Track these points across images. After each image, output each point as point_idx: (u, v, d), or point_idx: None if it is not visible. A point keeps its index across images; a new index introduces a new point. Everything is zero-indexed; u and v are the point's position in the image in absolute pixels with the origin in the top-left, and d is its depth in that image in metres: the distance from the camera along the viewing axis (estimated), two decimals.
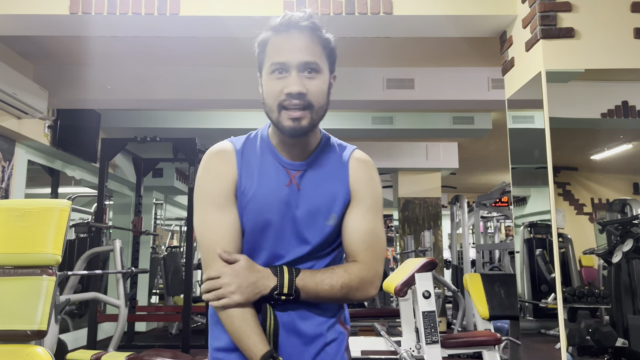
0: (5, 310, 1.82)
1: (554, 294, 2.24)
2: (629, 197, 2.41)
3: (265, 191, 1.07)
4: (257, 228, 1.07)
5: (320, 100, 1.05)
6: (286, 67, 1.02)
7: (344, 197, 1.10)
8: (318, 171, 1.11)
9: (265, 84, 1.06)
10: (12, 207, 1.96)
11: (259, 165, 1.10)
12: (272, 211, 1.06)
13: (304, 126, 1.03)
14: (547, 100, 2.31)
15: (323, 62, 1.06)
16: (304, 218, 1.07)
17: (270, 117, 1.06)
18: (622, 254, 2.33)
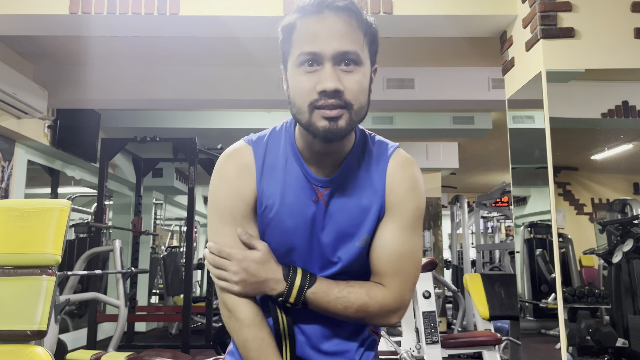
0: (5, 311, 1.82)
1: (554, 294, 2.23)
2: (629, 197, 2.40)
3: (289, 210, 0.92)
4: (280, 248, 0.94)
5: (361, 99, 0.86)
6: (319, 59, 0.83)
7: (378, 211, 0.93)
8: (349, 184, 0.93)
9: (292, 79, 0.87)
10: (11, 207, 1.95)
11: (284, 177, 0.93)
12: (297, 232, 0.93)
13: (341, 127, 0.84)
14: (547, 100, 2.31)
15: (364, 51, 0.87)
16: (331, 240, 0.93)
17: (299, 120, 0.87)
18: (622, 254, 2.32)
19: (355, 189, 0.93)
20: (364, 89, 0.86)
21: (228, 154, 0.96)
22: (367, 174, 0.95)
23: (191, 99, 4.06)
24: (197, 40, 3.38)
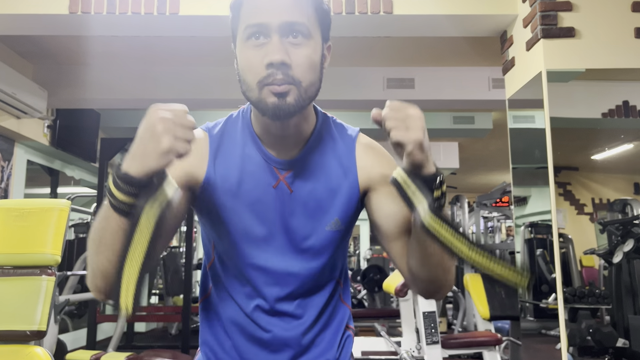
0: (5, 311, 1.82)
1: (555, 294, 2.23)
2: (630, 197, 2.40)
3: (248, 196, 0.87)
4: (247, 238, 0.88)
5: (310, 75, 0.81)
6: (265, 30, 0.80)
7: (350, 194, 0.89)
8: (313, 166, 0.90)
9: (240, 54, 0.84)
10: (11, 207, 1.95)
11: (241, 162, 0.89)
12: (262, 219, 0.88)
13: (290, 104, 0.79)
14: (547, 100, 2.30)
15: (313, 25, 0.82)
16: (301, 226, 0.88)
17: (249, 98, 0.83)
18: (622, 254, 2.32)
19: (321, 170, 0.90)
20: (313, 64, 0.82)
21: None
22: (334, 154, 0.91)
23: (191, 99, 4.06)
24: (197, 40, 3.37)
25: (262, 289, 0.90)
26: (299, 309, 0.91)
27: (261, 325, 0.90)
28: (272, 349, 0.91)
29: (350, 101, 4.10)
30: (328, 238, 0.89)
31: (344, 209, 0.90)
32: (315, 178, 0.89)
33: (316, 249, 0.90)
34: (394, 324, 5.13)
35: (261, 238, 0.88)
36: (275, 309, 0.90)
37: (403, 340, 2.70)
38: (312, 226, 0.89)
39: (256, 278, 0.90)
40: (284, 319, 0.91)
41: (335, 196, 0.89)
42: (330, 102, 4.04)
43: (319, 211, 0.89)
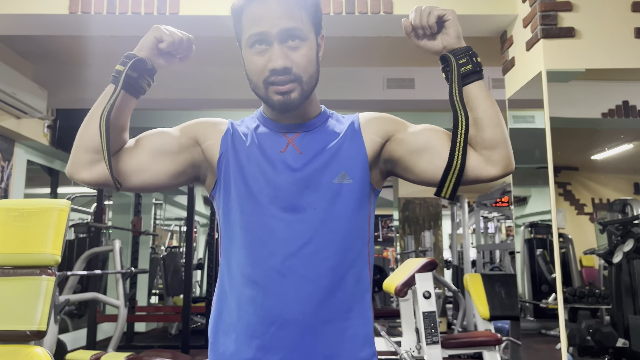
0: (5, 311, 1.82)
1: (555, 294, 2.23)
2: (630, 197, 2.40)
3: (256, 162, 0.96)
4: (260, 201, 0.93)
5: (309, 69, 0.94)
6: (266, 39, 0.91)
7: (357, 155, 0.97)
8: (321, 133, 0.99)
9: (246, 59, 0.96)
10: (11, 207, 1.95)
11: (252, 138, 0.99)
12: (269, 182, 0.94)
13: (295, 99, 0.92)
14: (547, 100, 2.30)
15: (307, 26, 0.94)
16: (310, 181, 0.94)
17: (257, 94, 0.96)
18: (622, 254, 2.32)
19: (330, 136, 0.99)
20: (311, 60, 0.94)
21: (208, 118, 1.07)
22: (340, 128, 1.00)
23: (191, 99, 4.06)
24: (196, 40, 3.36)
25: (275, 249, 0.91)
26: (315, 271, 0.90)
27: (273, 291, 0.90)
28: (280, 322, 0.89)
29: (350, 101, 4.11)
30: (336, 191, 0.94)
31: (351, 164, 0.96)
32: (324, 141, 0.98)
33: (327, 201, 0.93)
34: (393, 324, 5.13)
35: (276, 196, 0.93)
36: (289, 267, 0.90)
37: (403, 340, 2.70)
38: (320, 180, 0.94)
39: (269, 239, 0.91)
40: (300, 279, 0.90)
41: (343, 155, 0.96)
42: (330, 102, 4.04)
43: (328, 165, 0.95)
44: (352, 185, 0.95)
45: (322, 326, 0.90)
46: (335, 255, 0.92)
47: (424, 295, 2.50)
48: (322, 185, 0.94)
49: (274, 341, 0.89)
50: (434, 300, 2.52)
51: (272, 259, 0.91)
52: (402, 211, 7.32)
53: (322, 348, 0.89)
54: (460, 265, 7.50)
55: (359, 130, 1.00)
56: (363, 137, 0.99)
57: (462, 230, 7.06)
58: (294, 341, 0.88)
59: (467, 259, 7.02)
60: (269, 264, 0.91)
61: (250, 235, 0.93)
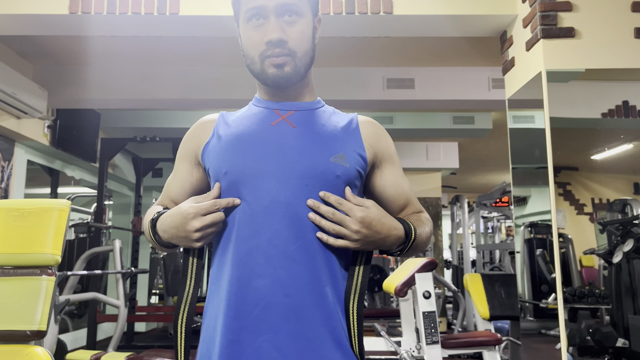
0: (5, 311, 1.82)
1: (555, 294, 2.23)
2: (630, 197, 2.40)
3: (244, 135, 0.95)
4: (248, 174, 0.91)
5: (304, 46, 0.95)
6: (263, 12, 0.93)
7: (356, 147, 0.96)
8: (318, 117, 0.99)
9: (243, 34, 0.97)
10: (11, 207, 1.95)
11: (242, 119, 0.99)
12: (260, 155, 0.91)
13: (287, 72, 0.93)
14: (547, 100, 2.31)
15: (303, 3, 0.96)
16: (305, 156, 0.91)
17: (253, 71, 0.96)
18: (622, 254, 2.32)
19: (326, 121, 0.99)
20: (306, 37, 0.96)
21: (200, 119, 1.06)
22: (337, 119, 1.01)
23: (191, 99, 4.06)
24: (197, 40, 3.38)
25: (264, 228, 0.88)
26: (301, 252, 0.88)
27: (258, 271, 0.87)
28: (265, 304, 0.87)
29: (350, 101, 4.11)
30: (331, 169, 0.91)
31: (349, 151, 0.94)
32: (319, 124, 0.97)
33: (318, 178, 0.90)
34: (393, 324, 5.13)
35: (264, 173, 0.90)
36: (278, 248, 0.87)
37: (403, 340, 2.70)
38: (316, 155, 0.91)
39: (260, 216, 0.88)
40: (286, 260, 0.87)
41: (342, 139, 0.96)
42: (330, 102, 4.00)
43: (324, 143, 0.94)
44: (348, 169, 0.92)
45: (306, 309, 0.87)
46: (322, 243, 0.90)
47: (424, 295, 2.50)
48: (317, 162, 0.91)
49: (257, 323, 0.86)
50: (433, 300, 2.52)
51: (257, 237, 0.88)
52: None
53: (306, 331, 0.87)
54: (460, 265, 7.50)
55: (357, 128, 1.00)
56: (362, 136, 0.99)
57: (462, 230, 7.06)
58: (277, 324, 0.86)
59: (467, 259, 7.02)
60: (254, 243, 0.88)
61: (234, 215, 0.91)
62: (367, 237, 0.87)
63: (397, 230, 0.90)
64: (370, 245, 0.88)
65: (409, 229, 0.92)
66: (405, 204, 1.02)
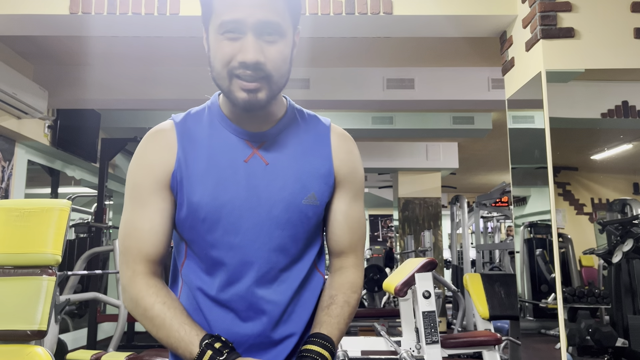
0: (5, 310, 1.82)
1: (554, 294, 2.23)
2: (629, 197, 2.40)
3: (217, 171, 0.86)
4: (220, 219, 0.86)
5: (282, 68, 0.84)
6: (240, 27, 0.81)
7: (326, 174, 0.91)
8: (290, 141, 0.91)
9: (212, 44, 0.85)
10: (12, 207, 1.95)
11: (208, 143, 0.89)
12: (234, 197, 0.86)
13: (260, 99, 0.83)
14: (547, 100, 2.31)
15: (286, 21, 0.84)
16: (279, 200, 0.87)
17: (218, 85, 0.86)
18: (622, 254, 2.33)
19: (297, 145, 0.91)
20: (285, 58, 0.85)
21: (149, 132, 0.93)
22: (308, 134, 0.93)
23: (191, 99, 4.06)
24: (197, 40, 3.37)
25: (241, 272, 0.87)
26: (276, 293, 0.89)
27: (235, 308, 0.88)
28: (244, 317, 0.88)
29: (350, 101, 4.11)
30: (304, 212, 0.89)
31: (320, 185, 0.91)
32: (292, 151, 0.91)
33: (292, 222, 0.88)
34: (393, 324, 5.13)
35: (235, 215, 0.86)
36: (251, 290, 0.87)
37: (403, 340, 2.71)
38: (289, 199, 0.88)
39: (235, 260, 0.87)
40: (260, 307, 0.88)
41: (312, 171, 0.91)
42: (330, 102, 4.05)
43: (297, 183, 0.89)
44: (318, 207, 0.91)
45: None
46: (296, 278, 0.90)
47: (423, 295, 2.51)
48: (291, 206, 0.88)
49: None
50: (433, 300, 2.52)
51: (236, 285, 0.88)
52: (402, 211, 7.32)
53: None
54: (459, 265, 7.50)
55: (329, 144, 0.94)
56: (333, 161, 0.93)
57: (462, 230, 7.06)
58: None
59: (467, 259, 7.02)
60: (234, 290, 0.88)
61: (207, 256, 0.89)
62: None
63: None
64: None
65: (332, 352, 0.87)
66: (345, 246, 0.95)
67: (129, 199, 0.90)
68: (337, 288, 0.93)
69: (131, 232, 0.89)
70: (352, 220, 0.95)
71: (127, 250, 0.89)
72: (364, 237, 0.98)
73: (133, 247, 0.88)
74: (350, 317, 0.92)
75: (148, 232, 0.88)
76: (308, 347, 0.85)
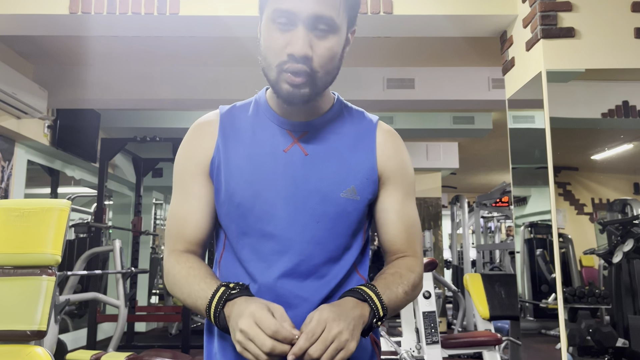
0: (5, 311, 1.82)
1: (555, 294, 2.23)
2: (630, 197, 2.40)
3: (255, 158, 0.87)
4: (242, 206, 0.86)
5: (329, 65, 0.83)
6: (293, 18, 0.79)
7: (369, 170, 0.89)
8: (332, 133, 0.90)
9: (264, 32, 0.84)
10: (11, 207, 1.95)
11: (251, 129, 0.90)
12: (270, 185, 0.86)
13: (304, 94, 0.82)
14: (547, 100, 2.30)
15: (341, 17, 0.82)
16: (316, 191, 0.86)
17: (267, 75, 0.85)
18: (622, 254, 2.32)
19: (339, 137, 0.90)
20: (334, 55, 0.84)
21: (194, 124, 0.95)
22: (353, 128, 0.92)
23: (191, 99, 4.06)
24: (197, 40, 3.38)
25: (272, 260, 0.85)
26: (309, 289, 0.85)
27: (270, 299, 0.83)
28: None
29: (350, 101, 4.09)
30: (342, 205, 0.87)
31: (361, 180, 0.88)
32: (333, 144, 0.89)
33: (329, 216, 0.86)
34: (393, 324, 5.13)
35: (269, 203, 0.86)
36: (280, 282, 0.84)
37: (403, 340, 2.71)
38: (326, 191, 0.86)
39: (267, 248, 0.85)
40: (289, 301, 0.84)
41: (353, 165, 0.89)
42: None
43: (336, 176, 0.87)
44: (359, 203, 0.88)
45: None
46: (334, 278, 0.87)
47: (424, 295, 2.50)
48: (328, 199, 0.86)
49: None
50: (434, 300, 2.52)
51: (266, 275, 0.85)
52: None
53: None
54: (460, 265, 7.50)
55: (374, 140, 0.92)
56: (377, 158, 0.91)
57: (462, 230, 7.06)
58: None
59: (467, 259, 7.02)
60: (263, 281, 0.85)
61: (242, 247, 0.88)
62: (342, 333, 0.73)
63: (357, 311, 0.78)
64: (356, 330, 0.75)
65: (371, 300, 0.80)
66: (401, 244, 0.91)
67: (174, 186, 0.93)
68: (389, 267, 0.90)
69: (172, 215, 0.92)
70: (407, 218, 0.92)
71: (169, 232, 0.92)
72: (420, 236, 0.96)
73: (172, 228, 0.91)
74: (404, 288, 0.85)
75: (187, 215, 0.90)
76: (355, 288, 0.82)
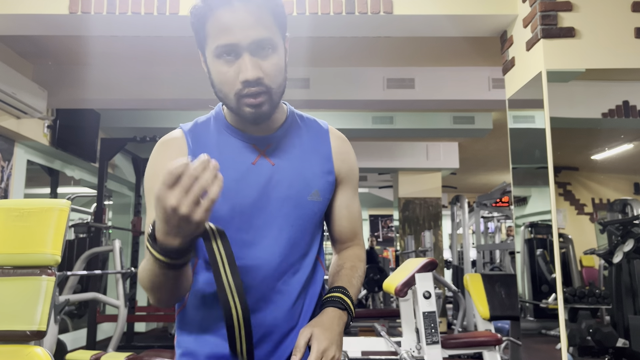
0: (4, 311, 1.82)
1: (555, 294, 2.23)
2: (630, 197, 2.40)
3: (227, 173, 0.88)
4: (232, 221, 0.91)
5: (279, 79, 0.90)
6: (236, 50, 0.85)
7: (327, 172, 0.99)
8: (292, 143, 0.99)
9: (212, 68, 0.90)
10: (11, 207, 1.95)
11: (217, 146, 0.94)
12: (243, 197, 0.91)
13: (266, 111, 0.89)
14: (547, 100, 2.30)
15: (276, 34, 0.89)
16: (287, 197, 0.94)
17: (226, 104, 0.91)
18: (623, 254, 2.32)
19: (300, 145, 0.99)
20: (280, 69, 0.90)
21: (160, 141, 0.98)
22: (309, 136, 1.01)
23: (191, 99, 4.06)
24: None
25: (254, 265, 0.91)
26: (286, 284, 0.94)
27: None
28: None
29: (350, 101, 4.11)
30: (310, 207, 0.97)
31: (322, 183, 0.99)
32: (295, 152, 0.98)
33: (303, 219, 0.96)
34: (394, 324, 5.13)
35: (247, 214, 0.92)
36: (265, 282, 0.92)
37: (403, 340, 2.70)
38: (296, 197, 0.95)
39: (248, 255, 0.91)
40: (271, 298, 0.92)
41: (314, 170, 0.98)
42: (330, 102, 4.04)
43: (302, 182, 0.96)
44: (321, 203, 0.99)
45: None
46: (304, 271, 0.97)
47: (424, 295, 2.50)
48: (298, 203, 0.95)
49: None
50: (434, 300, 2.51)
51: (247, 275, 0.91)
52: (402, 211, 7.31)
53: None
54: (460, 265, 7.50)
55: (329, 145, 1.02)
56: (332, 154, 1.02)
57: (462, 230, 7.06)
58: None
59: (467, 259, 7.02)
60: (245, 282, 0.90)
61: None
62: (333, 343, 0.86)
63: (341, 320, 0.92)
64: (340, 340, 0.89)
65: (348, 306, 0.94)
66: (350, 233, 1.06)
67: (147, 204, 0.93)
68: (343, 259, 1.05)
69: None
70: (354, 211, 1.06)
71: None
72: (362, 225, 1.11)
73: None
74: (360, 279, 1.01)
75: None
76: (329, 295, 0.94)
